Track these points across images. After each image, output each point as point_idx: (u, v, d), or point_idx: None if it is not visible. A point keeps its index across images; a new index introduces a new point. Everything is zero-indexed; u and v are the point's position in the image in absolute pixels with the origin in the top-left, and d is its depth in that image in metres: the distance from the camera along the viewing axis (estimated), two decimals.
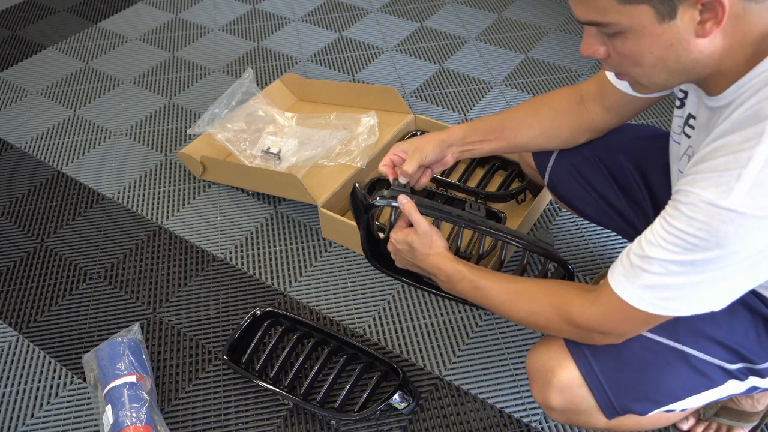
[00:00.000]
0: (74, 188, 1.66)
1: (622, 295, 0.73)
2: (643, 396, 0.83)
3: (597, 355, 0.83)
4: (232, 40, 2.22)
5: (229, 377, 1.23)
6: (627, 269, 0.73)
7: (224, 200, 1.61)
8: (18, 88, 2.04)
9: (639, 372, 0.83)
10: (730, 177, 0.63)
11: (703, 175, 0.66)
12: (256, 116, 1.71)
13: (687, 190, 0.67)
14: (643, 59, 0.69)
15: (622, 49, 0.70)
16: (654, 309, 0.72)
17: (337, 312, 1.33)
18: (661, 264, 0.69)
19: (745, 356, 0.82)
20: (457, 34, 2.19)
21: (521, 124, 1.06)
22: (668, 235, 0.68)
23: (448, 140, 1.06)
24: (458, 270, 0.92)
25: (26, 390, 1.23)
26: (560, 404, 0.85)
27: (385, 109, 1.71)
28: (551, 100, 1.06)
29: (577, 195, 1.11)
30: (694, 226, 0.65)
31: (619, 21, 0.66)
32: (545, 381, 0.86)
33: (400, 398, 1.12)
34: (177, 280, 1.42)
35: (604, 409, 0.84)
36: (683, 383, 0.83)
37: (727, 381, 0.84)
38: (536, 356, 0.89)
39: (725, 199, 0.63)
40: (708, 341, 0.82)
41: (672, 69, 0.69)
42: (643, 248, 0.71)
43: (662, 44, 0.67)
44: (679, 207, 0.67)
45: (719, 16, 0.62)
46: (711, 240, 0.64)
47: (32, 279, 1.44)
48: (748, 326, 0.82)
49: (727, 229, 0.63)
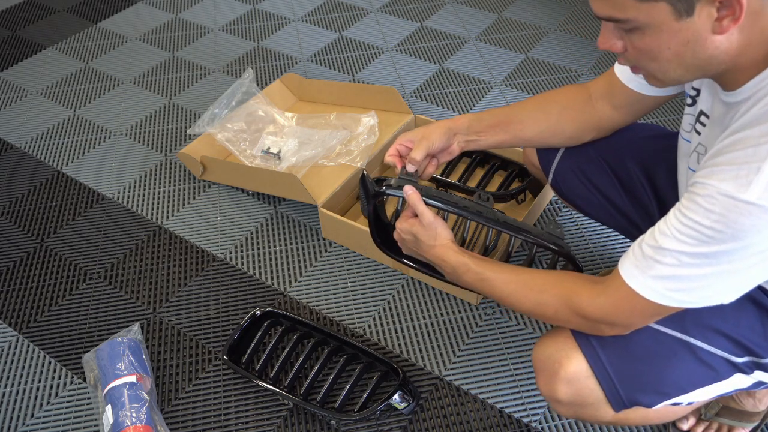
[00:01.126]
0: (74, 188, 1.66)
1: (633, 285, 0.73)
2: (651, 387, 0.83)
3: (605, 346, 0.83)
4: (232, 40, 2.22)
5: (229, 377, 1.23)
6: (639, 260, 0.73)
7: (224, 200, 1.61)
8: (18, 88, 2.04)
9: (647, 363, 0.83)
10: (749, 170, 0.63)
11: (722, 168, 0.66)
12: (256, 116, 1.71)
13: (704, 182, 0.67)
14: (660, 55, 0.69)
15: (639, 44, 0.70)
16: (664, 300, 0.72)
17: (337, 312, 1.33)
18: (674, 255, 0.69)
19: (751, 349, 0.82)
20: (457, 34, 2.19)
21: (527, 118, 1.06)
22: (683, 226, 0.68)
23: (453, 128, 1.05)
24: (463, 262, 0.92)
25: (26, 390, 1.23)
26: (567, 396, 0.85)
27: (385, 109, 1.71)
28: (559, 96, 1.06)
29: (580, 195, 1.11)
30: (711, 218, 0.65)
31: (637, 17, 0.67)
32: (552, 373, 0.85)
33: (400, 398, 1.12)
34: (177, 280, 1.42)
35: (612, 401, 0.84)
36: (690, 375, 0.83)
37: (733, 374, 0.84)
38: (543, 348, 0.88)
39: (744, 192, 0.63)
40: (715, 333, 0.82)
41: (688, 65, 0.69)
42: (656, 239, 0.71)
43: (679, 40, 0.67)
44: (695, 199, 0.67)
45: (737, 14, 0.62)
46: (727, 232, 0.65)
47: (32, 279, 1.44)
48: (754, 320, 0.82)
49: (745, 221, 0.63)
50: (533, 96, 1.09)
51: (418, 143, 1.03)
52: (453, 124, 1.05)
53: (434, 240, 0.94)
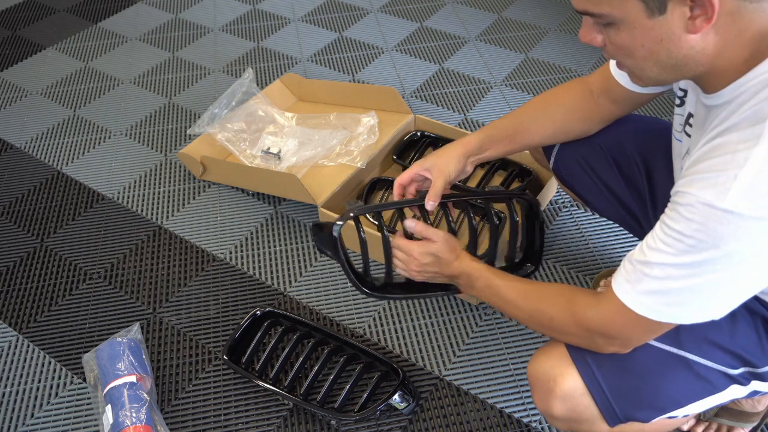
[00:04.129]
0: (74, 188, 1.66)
1: (624, 299, 0.73)
2: (646, 403, 0.83)
3: (600, 363, 0.83)
4: (232, 40, 2.22)
5: (229, 377, 1.23)
6: (629, 274, 0.73)
7: (224, 200, 1.61)
8: (18, 88, 2.04)
9: (642, 379, 0.82)
10: (726, 177, 0.63)
11: (701, 176, 0.65)
12: (256, 116, 1.71)
13: (684, 191, 0.67)
14: (634, 51, 0.70)
15: (615, 39, 0.70)
16: (655, 315, 0.72)
17: (337, 312, 1.33)
18: (661, 267, 0.69)
19: (747, 360, 0.82)
20: (457, 34, 2.19)
21: (533, 127, 1.08)
22: (666, 237, 0.68)
23: (466, 153, 1.08)
24: (478, 268, 0.96)
25: (26, 390, 1.23)
26: (563, 413, 0.85)
27: (385, 109, 1.71)
28: (561, 97, 1.07)
29: (580, 180, 1.12)
30: (692, 227, 0.65)
31: (610, 12, 0.67)
32: (547, 390, 0.85)
33: (400, 398, 1.12)
34: (177, 280, 1.42)
35: (607, 418, 0.83)
36: (686, 390, 0.83)
37: (730, 386, 0.84)
38: (537, 364, 0.88)
39: (722, 201, 0.63)
40: (710, 346, 0.82)
41: (663, 63, 0.69)
42: (644, 253, 0.71)
43: (653, 38, 0.67)
44: (677, 209, 0.67)
45: (709, 13, 0.62)
46: (708, 241, 0.64)
47: (32, 279, 1.44)
48: (749, 329, 0.82)
49: (724, 230, 0.63)
50: (535, 98, 1.09)
51: (436, 179, 1.05)
52: (464, 149, 1.07)
53: (454, 253, 0.99)
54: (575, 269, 1.38)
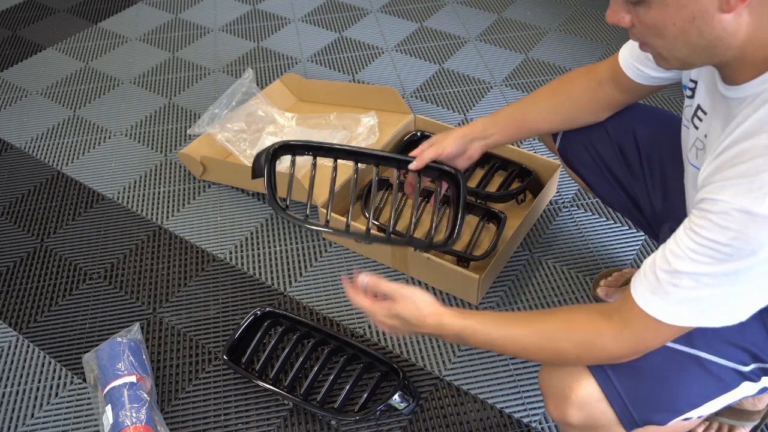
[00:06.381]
0: (74, 188, 1.66)
1: (654, 314, 0.71)
2: (663, 406, 0.82)
3: (615, 368, 0.81)
4: (232, 40, 2.22)
5: (229, 377, 1.23)
6: (654, 286, 0.70)
7: (224, 200, 1.61)
8: (18, 88, 2.04)
9: (658, 381, 0.81)
10: (762, 182, 0.61)
11: (732, 182, 0.64)
12: (256, 116, 1.71)
13: (716, 198, 0.64)
14: (665, 30, 0.67)
15: (645, 18, 0.68)
16: (688, 323, 0.70)
17: (337, 312, 1.33)
18: (693, 277, 0.67)
19: (758, 355, 0.81)
20: (457, 34, 2.19)
21: (540, 115, 1.09)
22: (698, 246, 0.66)
23: (469, 135, 1.08)
24: (467, 325, 0.84)
25: (26, 390, 1.23)
26: (579, 420, 0.83)
27: (385, 109, 1.71)
28: (569, 87, 1.07)
29: (584, 162, 1.12)
30: (728, 235, 0.63)
31: None
32: (563, 397, 0.83)
33: (400, 398, 1.12)
34: (177, 280, 1.42)
35: (624, 423, 0.82)
36: (701, 389, 0.82)
37: (741, 383, 0.83)
38: (550, 372, 0.86)
39: (760, 206, 0.61)
40: (722, 344, 0.81)
41: (694, 44, 0.67)
42: (669, 262, 0.69)
43: (685, 16, 0.65)
44: (708, 217, 0.65)
45: None
46: (747, 248, 0.63)
47: (32, 279, 1.44)
48: (757, 324, 0.81)
49: (765, 236, 0.62)
50: (544, 87, 1.10)
51: (429, 148, 1.07)
52: (468, 130, 1.09)
53: (420, 310, 0.86)
54: (575, 269, 1.38)
